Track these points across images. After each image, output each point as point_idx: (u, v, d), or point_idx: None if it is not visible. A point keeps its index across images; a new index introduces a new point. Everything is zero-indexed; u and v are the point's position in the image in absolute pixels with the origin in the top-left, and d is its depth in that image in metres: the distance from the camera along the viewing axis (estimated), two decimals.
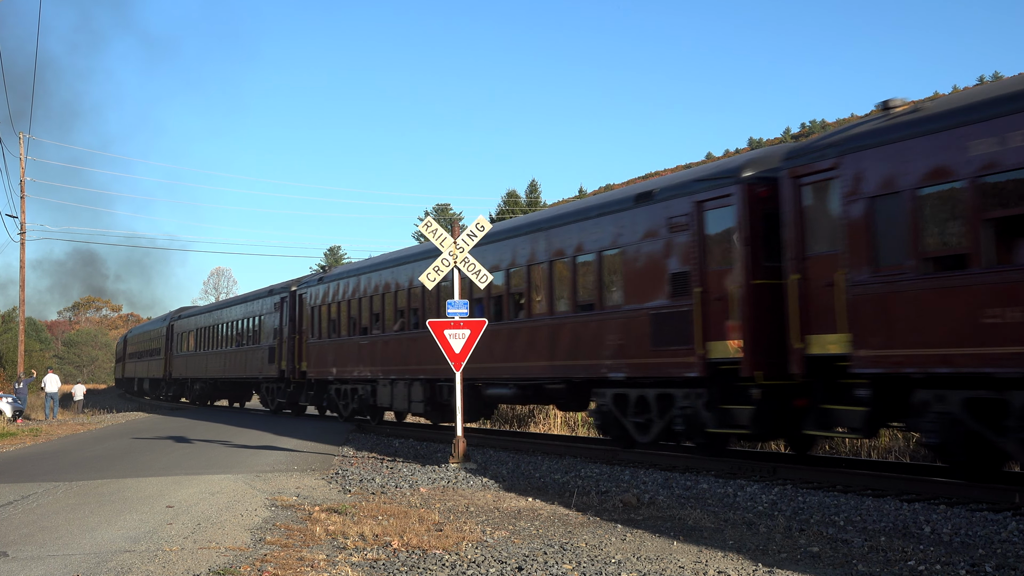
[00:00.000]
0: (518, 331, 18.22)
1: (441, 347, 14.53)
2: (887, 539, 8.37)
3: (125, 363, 64.98)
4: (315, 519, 9.66)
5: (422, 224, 15.16)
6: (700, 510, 10.17)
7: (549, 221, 17.93)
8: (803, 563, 7.44)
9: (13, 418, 32.71)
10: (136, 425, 28.49)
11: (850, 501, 10.57)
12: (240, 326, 37.27)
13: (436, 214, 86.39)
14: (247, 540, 8.61)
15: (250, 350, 35.55)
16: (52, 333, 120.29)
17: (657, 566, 7.31)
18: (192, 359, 44.59)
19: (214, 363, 40.49)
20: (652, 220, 14.76)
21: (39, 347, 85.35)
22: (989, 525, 8.97)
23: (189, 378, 45.31)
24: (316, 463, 15.76)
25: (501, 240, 18.94)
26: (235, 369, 37.49)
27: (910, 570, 7.13)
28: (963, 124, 10.27)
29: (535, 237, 18.05)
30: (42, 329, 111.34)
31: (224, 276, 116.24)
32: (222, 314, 40.56)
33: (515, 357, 18.28)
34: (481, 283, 15.08)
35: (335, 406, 27.85)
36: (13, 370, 46.69)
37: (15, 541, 8.76)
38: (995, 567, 7.12)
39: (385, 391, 23.56)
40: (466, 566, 7.36)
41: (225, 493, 11.88)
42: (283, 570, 7.25)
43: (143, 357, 56.14)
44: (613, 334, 15.39)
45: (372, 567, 7.41)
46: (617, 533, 8.90)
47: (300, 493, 11.95)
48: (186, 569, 7.35)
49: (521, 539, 8.63)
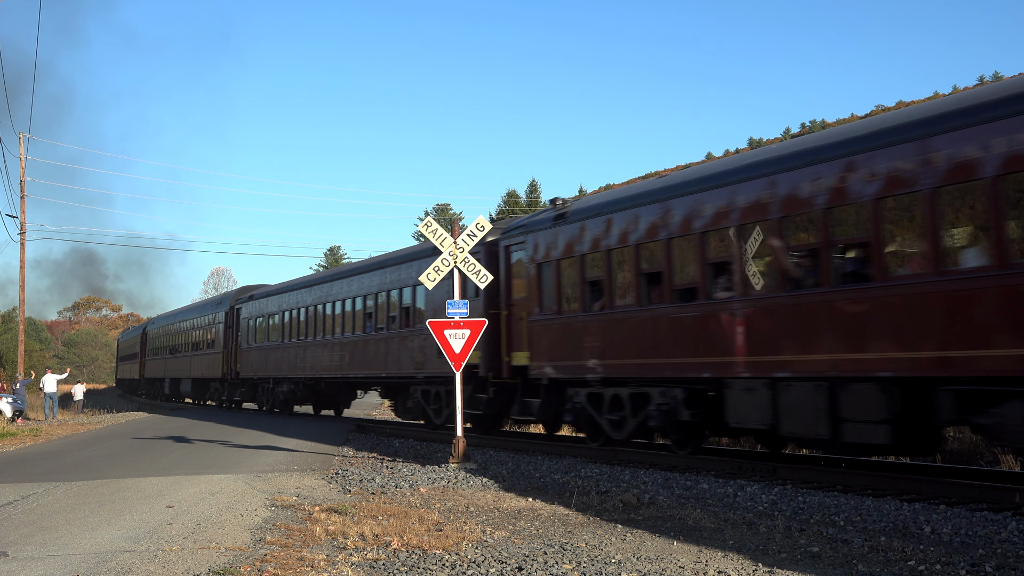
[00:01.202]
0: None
1: (441, 347, 14.55)
2: (887, 539, 8.37)
3: (146, 361, 56.16)
4: (315, 519, 9.66)
5: (422, 224, 15.16)
6: (700, 510, 10.17)
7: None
8: (803, 563, 7.44)
9: (13, 418, 32.69)
10: (136, 425, 28.49)
11: (850, 501, 10.56)
12: (379, 301, 25.14)
13: (436, 214, 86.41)
14: (247, 540, 8.61)
15: (406, 336, 23.50)
16: (52, 333, 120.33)
17: (657, 566, 7.31)
18: (277, 352, 33.05)
19: (321, 356, 29.07)
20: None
21: (39, 347, 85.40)
22: (989, 525, 8.97)
23: (271, 377, 33.75)
24: (316, 463, 15.76)
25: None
26: (374, 364, 25.26)
27: (910, 570, 7.13)
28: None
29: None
30: (42, 329, 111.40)
31: (224, 276, 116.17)
32: (332, 289, 28.70)
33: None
34: (481, 283, 15.09)
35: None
36: (13, 370, 46.70)
37: (15, 541, 8.76)
38: (995, 567, 7.12)
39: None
40: (466, 566, 7.35)
41: (225, 493, 11.88)
42: (283, 570, 7.25)
43: (181, 352, 46.69)
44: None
45: (372, 567, 7.41)
46: (617, 533, 8.90)
47: (300, 493, 11.95)
48: (186, 569, 7.35)
49: (521, 539, 8.63)
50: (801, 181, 12.21)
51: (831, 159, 11.89)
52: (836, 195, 11.67)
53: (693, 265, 13.94)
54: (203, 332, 41.14)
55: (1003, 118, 9.94)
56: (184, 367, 44.83)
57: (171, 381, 48.47)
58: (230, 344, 37.34)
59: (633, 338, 15.13)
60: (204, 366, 40.90)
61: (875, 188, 11.18)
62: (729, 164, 14.63)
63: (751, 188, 13.01)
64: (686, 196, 14.24)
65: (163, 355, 50.06)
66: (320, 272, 45.89)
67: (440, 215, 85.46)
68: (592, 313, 16.11)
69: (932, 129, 10.71)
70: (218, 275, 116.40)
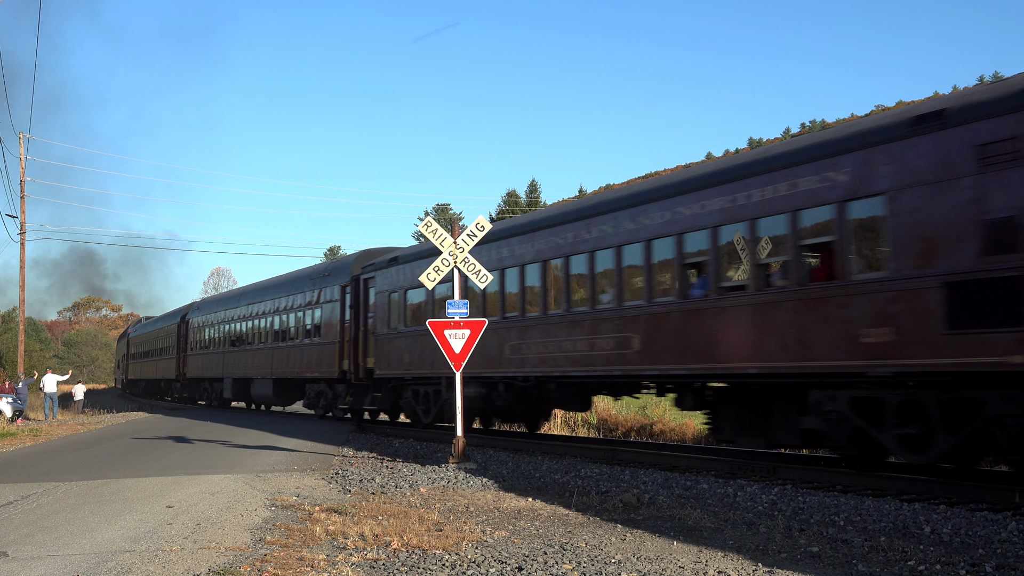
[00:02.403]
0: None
1: (441, 347, 14.55)
2: (887, 539, 8.37)
3: (187, 356, 45.73)
4: (315, 519, 9.66)
5: (422, 224, 15.16)
6: (700, 510, 10.17)
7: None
8: (803, 563, 7.43)
9: (13, 418, 32.70)
10: (136, 425, 28.49)
11: (850, 501, 10.57)
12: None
13: (436, 214, 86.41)
14: (247, 540, 8.61)
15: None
16: (52, 333, 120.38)
17: (657, 566, 7.31)
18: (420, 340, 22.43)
19: (563, 341, 17.38)
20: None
21: (39, 347, 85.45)
22: (989, 525, 8.97)
23: (438, 375, 21.50)
24: (316, 463, 15.75)
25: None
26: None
27: (910, 570, 7.12)
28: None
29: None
30: (42, 329, 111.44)
31: (224, 276, 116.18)
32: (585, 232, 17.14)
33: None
34: (481, 283, 15.08)
35: None
36: (13, 370, 46.69)
37: (15, 541, 8.76)
38: (995, 567, 7.12)
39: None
40: (466, 566, 7.35)
41: (225, 493, 11.87)
42: (283, 570, 7.25)
43: (253, 344, 36.10)
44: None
45: (372, 567, 7.41)
46: (617, 533, 8.90)
47: (300, 493, 11.95)
48: (186, 569, 7.35)
49: (521, 539, 8.63)
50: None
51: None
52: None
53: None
54: (297, 315, 31.56)
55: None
56: (259, 363, 34.99)
57: (234, 382, 38.36)
58: (355, 330, 26.93)
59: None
60: (302, 361, 30.89)
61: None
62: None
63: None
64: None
65: (219, 348, 40.23)
66: (558, 209, 20.03)
67: (440, 215, 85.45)
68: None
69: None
70: (218, 275, 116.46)
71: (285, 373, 32.25)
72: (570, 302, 17.05)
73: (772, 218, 12.95)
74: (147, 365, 55.95)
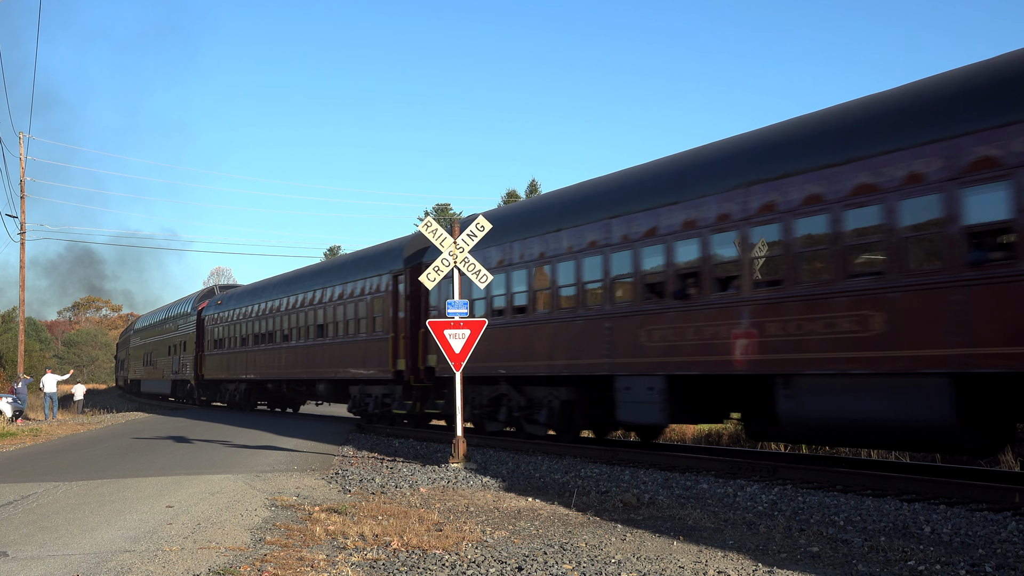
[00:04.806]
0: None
1: (441, 347, 14.55)
2: (887, 539, 8.37)
3: (204, 356, 40.66)
4: (315, 519, 9.66)
5: (422, 224, 15.16)
6: (700, 510, 10.17)
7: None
8: (803, 563, 7.44)
9: (13, 418, 32.71)
10: (136, 425, 28.50)
11: (850, 501, 10.57)
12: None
13: (436, 214, 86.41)
14: (247, 540, 8.61)
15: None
16: (52, 333, 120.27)
17: (657, 566, 7.31)
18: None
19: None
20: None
21: (39, 347, 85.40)
22: (989, 525, 8.97)
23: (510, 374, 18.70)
24: (316, 463, 15.76)
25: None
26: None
27: (910, 570, 7.13)
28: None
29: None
30: (42, 329, 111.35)
31: (224, 275, 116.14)
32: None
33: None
34: (481, 283, 15.09)
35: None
36: (13, 370, 46.68)
37: (15, 541, 8.76)
38: (995, 567, 7.12)
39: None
40: (466, 566, 7.35)
41: (225, 493, 11.88)
42: (283, 570, 7.25)
43: (292, 340, 30.55)
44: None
45: (372, 567, 7.41)
46: (617, 533, 8.90)
47: (300, 493, 11.95)
48: (186, 569, 7.35)
49: (521, 539, 8.63)
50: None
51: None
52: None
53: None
54: (354, 306, 25.74)
55: None
56: (291, 362, 30.57)
57: (275, 384, 34.09)
58: (410, 325, 22.50)
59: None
60: (350, 357, 25.82)
61: None
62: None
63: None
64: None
65: (244, 347, 35.03)
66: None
67: (440, 215, 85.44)
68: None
69: None
70: (218, 275, 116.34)
71: (329, 374, 27.48)
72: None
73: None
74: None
